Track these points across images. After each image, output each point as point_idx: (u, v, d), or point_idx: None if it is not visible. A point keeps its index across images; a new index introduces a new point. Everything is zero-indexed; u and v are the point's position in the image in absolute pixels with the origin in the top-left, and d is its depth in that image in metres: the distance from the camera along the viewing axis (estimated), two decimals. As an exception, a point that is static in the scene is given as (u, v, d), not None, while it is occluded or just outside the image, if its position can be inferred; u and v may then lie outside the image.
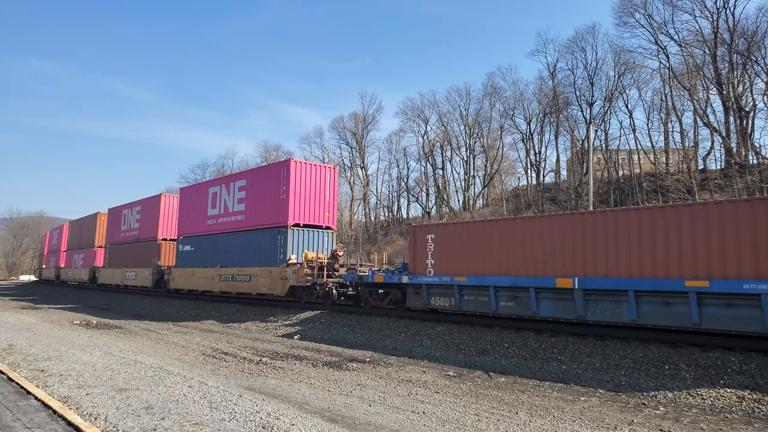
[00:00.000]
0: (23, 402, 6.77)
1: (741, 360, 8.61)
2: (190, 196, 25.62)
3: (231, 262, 21.33)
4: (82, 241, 39.79)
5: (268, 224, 19.60)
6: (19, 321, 17.58)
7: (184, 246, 24.78)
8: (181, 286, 24.78)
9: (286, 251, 18.52)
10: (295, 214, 19.01)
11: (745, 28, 37.34)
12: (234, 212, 21.88)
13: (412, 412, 6.85)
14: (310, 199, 19.57)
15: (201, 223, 23.73)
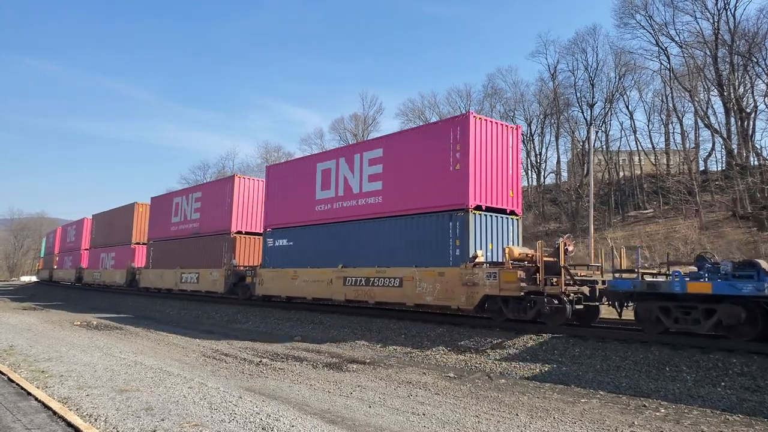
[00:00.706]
0: (23, 403, 6.77)
1: (742, 362, 8.59)
2: (284, 175, 19.86)
3: (362, 260, 15.68)
4: (113, 237, 33.84)
5: (431, 208, 14.00)
6: (20, 322, 17.60)
7: (276, 240, 19.20)
8: (274, 292, 19.19)
9: (466, 245, 12.96)
10: (475, 192, 13.34)
11: (745, 30, 37.39)
12: (364, 193, 16.06)
13: (412, 414, 6.84)
14: (491, 171, 13.90)
15: (305, 210, 18.16)
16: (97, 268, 35.95)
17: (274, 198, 19.89)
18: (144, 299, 27.66)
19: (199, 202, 24.91)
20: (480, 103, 56.60)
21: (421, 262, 13.88)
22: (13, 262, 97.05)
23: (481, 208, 13.45)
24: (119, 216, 33.76)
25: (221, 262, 22.15)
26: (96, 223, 38.16)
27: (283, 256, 18.82)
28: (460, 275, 12.79)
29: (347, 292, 15.78)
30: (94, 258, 37.14)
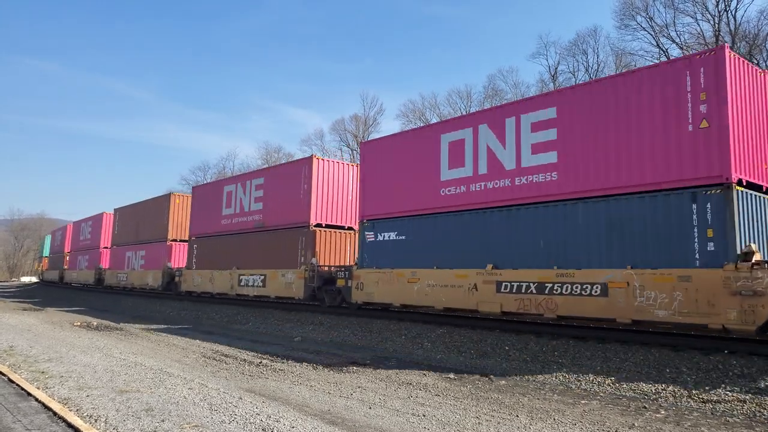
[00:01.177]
0: (24, 404, 6.77)
1: (742, 363, 8.59)
2: (388, 153, 15.78)
3: (525, 259, 11.83)
4: (143, 233, 29.76)
5: (654, 184, 10.10)
6: (20, 322, 17.60)
7: (380, 234, 15.51)
8: (380, 299, 15.21)
9: (726, 236, 9.10)
10: (737, 157, 9.42)
11: (746, 31, 37.41)
12: (526, 169, 12.09)
13: (412, 415, 6.84)
14: (749, 125, 9.94)
15: (424, 195, 14.32)
16: (122, 269, 31.71)
17: (374, 181, 15.99)
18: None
19: (261, 190, 20.67)
20: (481, 104, 56.66)
21: (642, 262, 10.01)
22: (13, 262, 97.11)
23: (742, 183, 9.45)
24: (150, 209, 29.37)
25: (297, 262, 18.26)
26: (120, 218, 33.54)
27: (391, 254, 14.96)
28: (725, 280, 8.90)
29: (504, 301, 11.96)
30: (118, 257, 32.69)
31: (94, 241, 38.03)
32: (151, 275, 27.99)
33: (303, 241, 18.22)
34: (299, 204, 18.71)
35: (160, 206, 28.43)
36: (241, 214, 21.72)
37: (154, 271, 27.86)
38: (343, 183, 19.51)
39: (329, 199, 18.92)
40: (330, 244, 18.59)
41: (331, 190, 19.07)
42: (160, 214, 28.21)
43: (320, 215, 18.54)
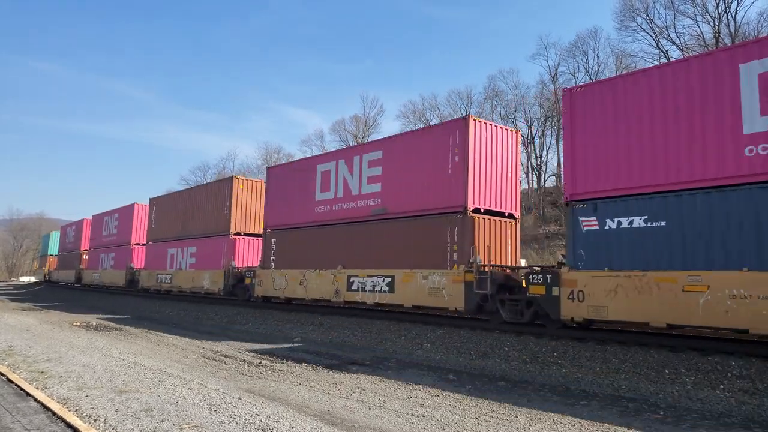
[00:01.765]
0: (23, 404, 6.77)
1: (741, 365, 8.60)
2: (620, 101, 10.72)
3: None
4: (193, 226, 24.66)
5: None
6: (18, 322, 17.59)
7: (616, 219, 10.40)
8: (633, 317, 9.88)
9: None
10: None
11: (746, 33, 37.44)
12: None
13: (411, 416, 6.85)
14: None
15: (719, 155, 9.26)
16: (163, 269, 26.66)
17: (591, 144, 11.02)
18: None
19: (379, 167, 15.84)
20: (481, 105, 56.73)
21: None
22: (12, 262, 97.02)
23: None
24: (200, 199, 24.72)
25: (445, 259, 13.45)
26: (158, 209, 28.59)
27: (644, 247, 9.91)
28: None
29: None
30: (156, 255, 27.58)
31: (122, 237, 32.76)
32: (208, 277, 22.61)
33: (455, 231, 13.38)
34: (447, 183, 13.87)
35: (216, 194, 23.37)
36: (347, 198, 16.89)
37: (211, 271, 22.52)
38: (503, 155, 14.45)
39: (488, 177, 14.02)
40: (489, 235, 13.79)
41: (491, 165, 14.15)
42: (219, 203, 23.03)
43: (477, 198, 13.67)
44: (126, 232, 32.43)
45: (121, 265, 31.79)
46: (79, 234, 41.68)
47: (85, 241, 40.45)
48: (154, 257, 27.98)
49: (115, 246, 33.56)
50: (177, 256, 25.59)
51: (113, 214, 34.81)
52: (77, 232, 42.41)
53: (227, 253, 21.96)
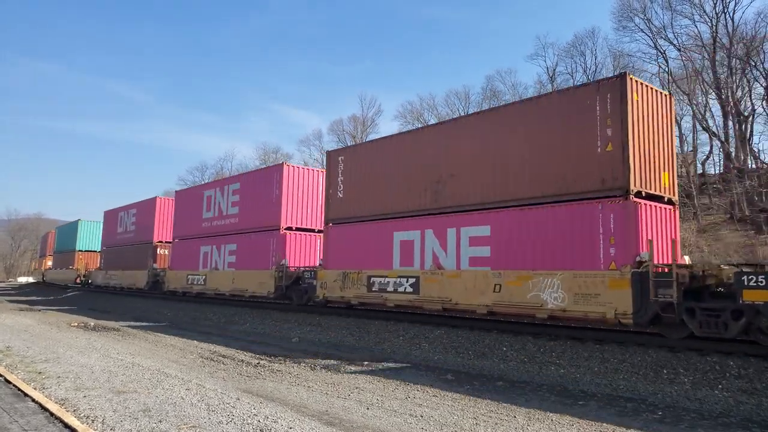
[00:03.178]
0: (20, 404, 6.76)
1: (739, 364, 8.61)
2: None
3: None
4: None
5: None
6: (16, 323, 17.55)
7: None
8: None
9: None
10: None
11: (744, 33, 37.53)
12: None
13: (410, 416, 6.85)
14: None
15: None
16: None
17: None
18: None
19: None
20: (479, 105, 56.76)
21: None
22: (10, 262, 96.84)
23: None
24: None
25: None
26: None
27: None
28: None
29: None
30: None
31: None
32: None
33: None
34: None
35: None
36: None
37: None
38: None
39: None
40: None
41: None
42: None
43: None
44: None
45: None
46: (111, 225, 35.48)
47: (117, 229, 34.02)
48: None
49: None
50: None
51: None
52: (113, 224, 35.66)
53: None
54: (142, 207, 29.86)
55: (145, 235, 28.72)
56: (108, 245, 33.54)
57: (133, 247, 29.90)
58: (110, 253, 33.01)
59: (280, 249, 18.91)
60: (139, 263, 28.62)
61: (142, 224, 29.46)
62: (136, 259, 28.96)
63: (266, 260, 19.29)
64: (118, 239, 32.08)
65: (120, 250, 31.51)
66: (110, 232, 33.51)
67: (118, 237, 32.09)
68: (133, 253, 29.52)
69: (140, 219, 29.86)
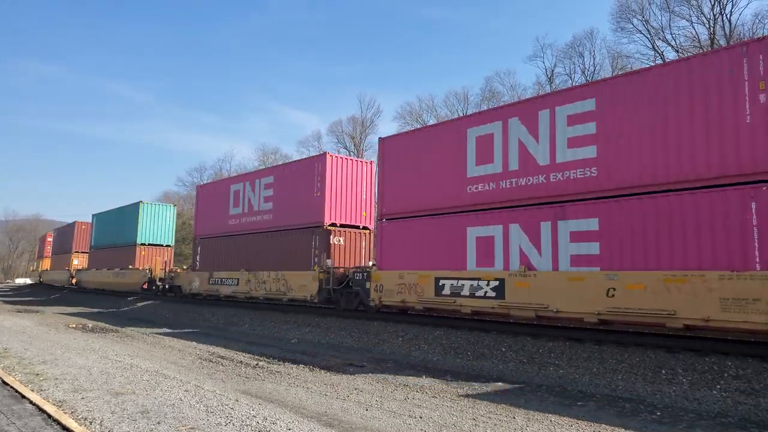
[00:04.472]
0: (18, 406, 6.73)
1: (737, 365, 8.62)
2: None
3: None
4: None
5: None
6: (14, 324, 17.50)
7: None
8: None
9: None
10: None
11: (741, 35, 37.60)
12: None
13: (409, 417, 6.84)
14: None
15: None
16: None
17: None
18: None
19: None
20: (478, 106, 56.83)
21: None
22: (8, 264, 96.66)
23: None
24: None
25: None
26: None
27: None
28: None
29: None
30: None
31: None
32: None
33: None
34: None
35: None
36: None
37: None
38: None
39: None
40: None
41: None
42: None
43: None
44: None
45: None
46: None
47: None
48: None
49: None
50: None
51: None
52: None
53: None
54: (294, 172, 19.29)
55: (304, 215, 18.24)
56: (207, 234, 23.47)
57: (274, 235, 19.39)
58: (213, 247, 22.84)
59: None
60: (290, 259, 18.32)
61: (294, 199, 18.85)
62: (285, 254, 18.63)
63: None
64: (234, 225, 21.74)
65: (236, 240, 21.26)
66: (210, 215, 23.56)
67: (234, 222, 21.78)
68: (279, 243, 19.10)
69: (290, 190, 19.14)
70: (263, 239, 19.83)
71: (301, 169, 18.96)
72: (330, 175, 17.70)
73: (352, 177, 18.43)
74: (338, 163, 18.13)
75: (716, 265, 8.82)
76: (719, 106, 9.14)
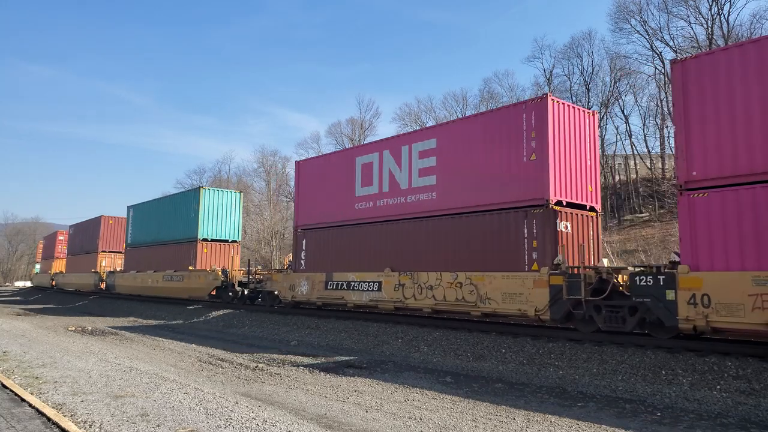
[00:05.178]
0: (17, 409, 6.72)
1: (737, 365, 8.62)
2: None
3: None
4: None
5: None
6: (13, 327, 17.48)
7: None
8: None
9: None
10: None
11: (739, 35, 37.68)
12: None
13: (408, 418, 6.83)
14: None
15: None
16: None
17: None
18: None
19: None
20: (476, 107, 56.85)
21: None
22: (7, 267, 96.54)
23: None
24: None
25: None
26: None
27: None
28: None
29: None
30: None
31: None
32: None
33: None
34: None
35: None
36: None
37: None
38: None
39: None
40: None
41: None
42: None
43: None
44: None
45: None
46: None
47: None
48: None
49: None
50: None
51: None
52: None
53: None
54: (481, 129, 13.43)
55: (505, 189, 12.59)
56: (316, 224, 17.91)
57: (444, 222, 13.75)
58: (328, 240, 17.29)
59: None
60: (479, 255, 12.73)
61: (483, 168, 13.15)
62: (468, 247, 13.06)
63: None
64: (365, 209, 16.18)
65: (370, 230, 15.83)
66: (320, 198, 17.92)
67: (364, 205, 16.21)
68: (455, 232, 13.44)
69: (473, 156, 13.45)
70: (422, 228, 14.21)
71: (497, 123, 13.03)
72: (553, 129, 12.09)
73: (576, 133, 12.81)
74: (560, 111, 12.48)
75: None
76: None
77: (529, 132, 12.37)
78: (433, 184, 14.33)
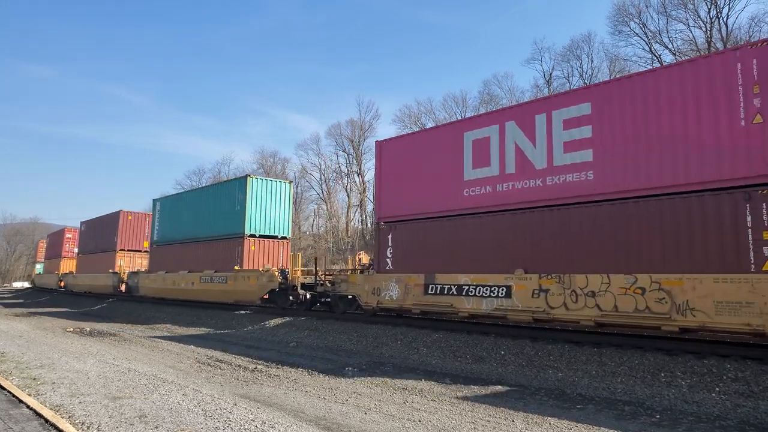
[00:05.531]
0: (15, 411, 6.70)
1: (736, 367, 8.62)
2: None
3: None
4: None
5: None
6: (11, 328, 17.44)
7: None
8: None
9: None
10: None
11: (738, 38, 37.80)
12: None
13: (408, 420, 6.83)
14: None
15: None
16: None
17: None
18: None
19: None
20: (476, 109, 56.94)
21: None
22: (6, 267, 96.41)
23: None
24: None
25: None
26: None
27: None
28: None
29: None
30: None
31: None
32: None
33: None
34: None
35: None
36: None
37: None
38: None
39: None
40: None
41: None
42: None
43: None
44: None
45: None
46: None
47: None
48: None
49: None
50: None
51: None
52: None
53: None
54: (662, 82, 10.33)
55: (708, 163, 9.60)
56: (406, 215, 14.95)
57: (602, 210, 10.84)
58: (425, 235, 14.30)
59: None
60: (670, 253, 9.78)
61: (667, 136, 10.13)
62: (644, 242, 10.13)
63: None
64: (478, 196, 13.12)
65: (488, 222, 12.82)
66: (411, 185, 14.91)
67: (476, 191, 13.16)
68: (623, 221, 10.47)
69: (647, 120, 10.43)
70: (574, 217, 11.25)
71: (694, 76, 9.98)
72: None
73: None
74: None
75: None
76: None
77: (748, 86, 9.36)
78: (588, 161, 11.09)
